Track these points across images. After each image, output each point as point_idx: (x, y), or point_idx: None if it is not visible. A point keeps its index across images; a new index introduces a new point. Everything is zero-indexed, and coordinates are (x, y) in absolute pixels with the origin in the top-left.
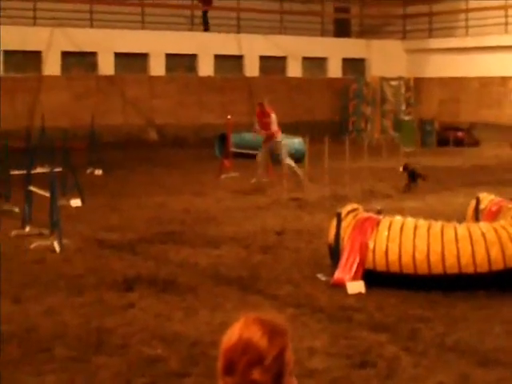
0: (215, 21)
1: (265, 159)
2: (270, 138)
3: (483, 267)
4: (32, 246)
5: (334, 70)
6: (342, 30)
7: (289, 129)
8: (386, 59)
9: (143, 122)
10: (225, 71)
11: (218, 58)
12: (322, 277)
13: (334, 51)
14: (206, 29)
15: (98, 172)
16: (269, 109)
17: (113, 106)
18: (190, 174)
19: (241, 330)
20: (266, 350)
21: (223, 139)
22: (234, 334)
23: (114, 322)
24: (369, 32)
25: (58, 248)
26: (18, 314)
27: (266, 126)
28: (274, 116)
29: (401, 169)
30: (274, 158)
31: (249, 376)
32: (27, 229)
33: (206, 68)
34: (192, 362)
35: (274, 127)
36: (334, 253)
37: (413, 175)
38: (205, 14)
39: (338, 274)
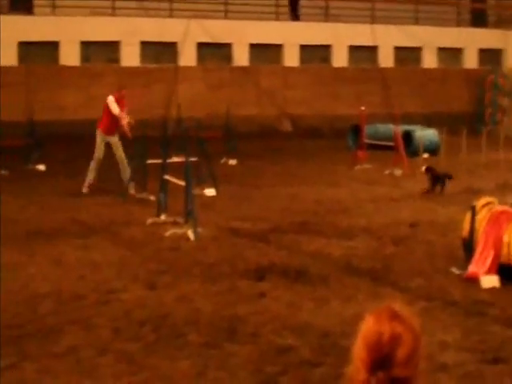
0: (349, 11)
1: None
2: (110, 132)
3: None
4: (167, 233)
5: (470, 61)
6: (478, 19)
7: (423, 120)
8: None
9: (277, 113)
10: (359, 62)
11: (352, 48)
12: (455, 270)
13: (471, 41)
14: (296, 17)
15: (233, 162)
16: (123, 99)
17: (247, 97)
18: (323, 165)
19: (391, 324)
20: (415, 344)
21: (356, 130)
22: (384, 328)
23: (246, 310)
24: (506, 22)
25: (192, 236)
26: (152, 299)
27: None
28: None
29: (423, 169)
30: (410, 151)
31: (403, 370)
32: (162, 217)
33: (339, 59)
34: (323, 352)
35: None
36: (468, 246)
37: (437, 178)
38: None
39: (471, 268)
